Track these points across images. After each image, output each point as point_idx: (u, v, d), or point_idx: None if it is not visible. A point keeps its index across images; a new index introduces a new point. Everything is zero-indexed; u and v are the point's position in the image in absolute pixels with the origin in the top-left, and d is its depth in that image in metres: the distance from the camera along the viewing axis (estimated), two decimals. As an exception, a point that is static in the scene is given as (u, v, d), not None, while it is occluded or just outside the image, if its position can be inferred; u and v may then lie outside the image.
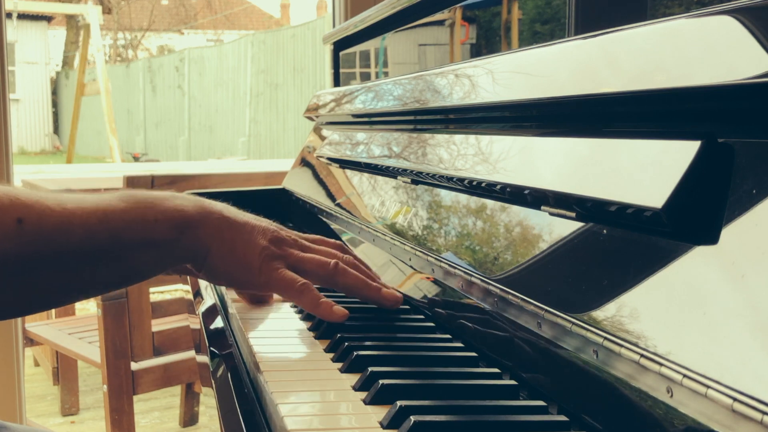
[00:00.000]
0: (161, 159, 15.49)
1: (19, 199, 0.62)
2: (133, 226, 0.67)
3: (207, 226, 0.71)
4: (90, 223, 0.65)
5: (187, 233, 0.70)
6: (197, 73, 15.76)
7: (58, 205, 0.64)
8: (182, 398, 2.67)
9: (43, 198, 0.64)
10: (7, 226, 0.60)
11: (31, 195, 0.63)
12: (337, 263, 0.76)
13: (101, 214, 0.66)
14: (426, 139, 0.91)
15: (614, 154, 0.52)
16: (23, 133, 18.67)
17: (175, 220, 0.70)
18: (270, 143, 13.78)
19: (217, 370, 0.71)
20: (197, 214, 0.71)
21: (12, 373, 2.03)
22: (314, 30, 12.40)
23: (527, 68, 0.67)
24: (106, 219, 0.66)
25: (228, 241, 0.72)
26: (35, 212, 0.62)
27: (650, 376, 0.42)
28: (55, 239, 0.63)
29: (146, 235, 0.68)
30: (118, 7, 20.74)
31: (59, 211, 0.63)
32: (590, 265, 0.52)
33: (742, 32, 0.41)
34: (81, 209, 0.65)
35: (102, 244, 0.66)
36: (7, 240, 0.60)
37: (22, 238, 0.61)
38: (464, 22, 1.08)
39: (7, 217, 0.60)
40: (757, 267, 0.38)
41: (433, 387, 0.56)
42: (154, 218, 0.68)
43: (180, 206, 0.71)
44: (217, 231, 0.72)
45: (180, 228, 0.70)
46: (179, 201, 0.71)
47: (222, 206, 0.76)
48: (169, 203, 0.70)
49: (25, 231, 0.61)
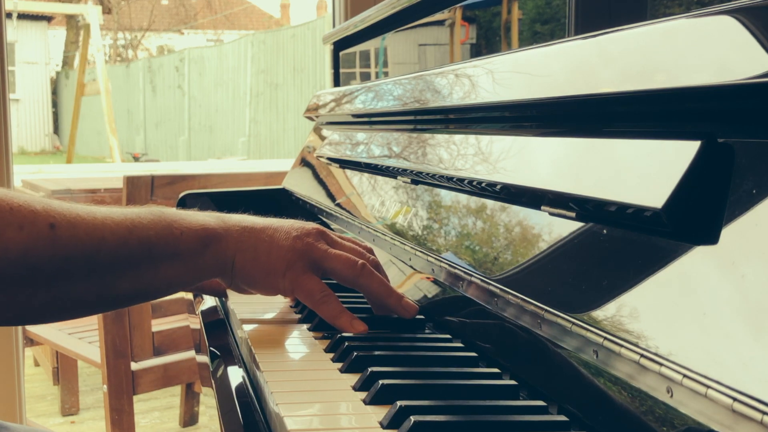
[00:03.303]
0: (161, 159, 15.48)
1: (51, 206, 0.63)
2: (161, 237, 0.69)
3: (229, 238, 0.73)
4: (120, 232, 0.66)
5: (211, 246, 0.72)
6: (197, 73, 15.75)
7: (88, 213, 0.65)
8: (182, 398, 2.67)
9: (75, 206, 0.65)
10: (40, 231, 0.61)
11: (62, 203, 0.64)
12: (365, 264, 0.75)
13: (130, 224, 0.67)
14: (426, 139, 0.91)
15: (614, 154, 0.52)
16: (23, 133, 18.67)
17: (199, 233, 0.71)
18: (270, 143, 13.78)
19: (217, 370, 0.71)
20: (219, 228, 0.72)
21: (12, 373, 2.03)
22: (314, 30, 12.39)
23: (527, 68, 0.67)
24: (135, 229, 0.67)
25: (250, 248, 0.73)
26: (67, 218, 0.63)
27: (650, 376, 0.42)
28: (88, 245, 0.64)
29: (173, 248, 0.69)
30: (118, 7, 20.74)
31: (90, 219, 0.65)
32: (590, 265, 0.52)
33: (742, 32, 0.41)
34: (111, 219, 0.66)
35: (133, 253, 0.67)
36: (41, 245, 0.61)
37: (56, 243, 0.62)
38: (464, 22, 1.08)
39: (41, 222, 0.61)
40: (757, 267, 0.38)
41: (433, 387, 0.56)
42: (180, 231, 0.70)
43: (203, 221, 0.72)
44: (238, 241, 0.73)
45: (204, 241, 0.71)
46: (201, 217, 0.73)
47: (240, 217, 0.76)
48: (192, 218, 0.72)
49: (58, 236, 0.62)
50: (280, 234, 0.74)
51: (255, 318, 0.80)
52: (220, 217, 0.75)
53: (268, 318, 0.81)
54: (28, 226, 0.61)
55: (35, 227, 0.61)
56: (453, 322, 0.72)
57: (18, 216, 0.60)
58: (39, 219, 0.61)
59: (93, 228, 0.64)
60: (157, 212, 0.70)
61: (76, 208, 0.65)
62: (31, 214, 0.61)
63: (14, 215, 0.60)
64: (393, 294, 0.75)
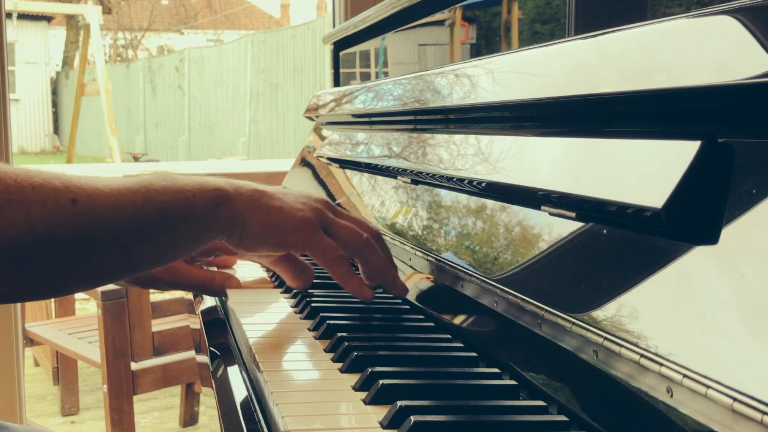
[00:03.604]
0: (161, 159, 15.48)
1: (70, 181, 0.65)
2: (176, 201, 0.71)
3: (240, 198, 0.74)
4: (138, 201, 0.68)
5: (224, 206, 0.73)
6: (197, 73, 15.76)
7: (105, 186, 0.67)
8: (182, 398, 2.67)
9: (93, 179, 0.67)
10: (62, 206, 0.63)
11: (80, 177, 0.66)
12: (369, 238, 0.78)
13: (145, 191, 0.69)
14: (426, 139, 0.91)
15: (614, 154, 0.52)
16: (23, 133, 18.67)
17: (212, 193, 0.73)
18: (270, 143, 13.78)
19: (217, 370, 0.71)
20: (231, 189, 0.74)
21: (12, 373, 2.03)
22: (314, 30, 12.39)
23: (527, 68, 0.67)
24: (150, 196, 0.69)
25: (262, 207, 0.75)
26: (87, 192, 0.65)
27: (650, 376, 0.42)
28: (109, 217, 0.66)
29: (188, 209, 0.71)
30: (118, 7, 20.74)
31: (108, 191, 0.67)
32: (590, 265, 0.52)
33: (742, 32, 0.41)
34: (127, 189, 0.68)
35: (151, 218, 0.69)
36: (64, 219, 0.63)
37: (78, 217, 0.64)
38: (464, 22, 1.08)
39: (62, 198, 0.63)
40: (757, 267, 0.38)
41: (433, 387, 0.56)
42: (192, 193, 0.72)
43: (213, 182, 0.74)
44: (250, 201, 0.75)
45: (217, 201, 0.73)
46: (211, 179, 0.75)
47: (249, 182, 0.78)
48: (203, 180, 0.74)
49: (80, 210, 0.64)
50: (290, 198, 0.77)
51: (255, 318, 0.80)
52: (231, 180, 0.77)
53: (269, 318, 0.81)
54: (51, 203, 0.63)
55: (58, 203, 0.63)
56: (453, 321, 0.72)
57: (41, 193, 0.62)
58: (61, 195, 0.63)
59: (112, 199, 0.66)
60: (166, 177, 0.72)
61: (94, 181, 0.67)
62: (53, 191, 0.63)
63: (37, 193, 0.62)
64: (390, 271, 0.79)
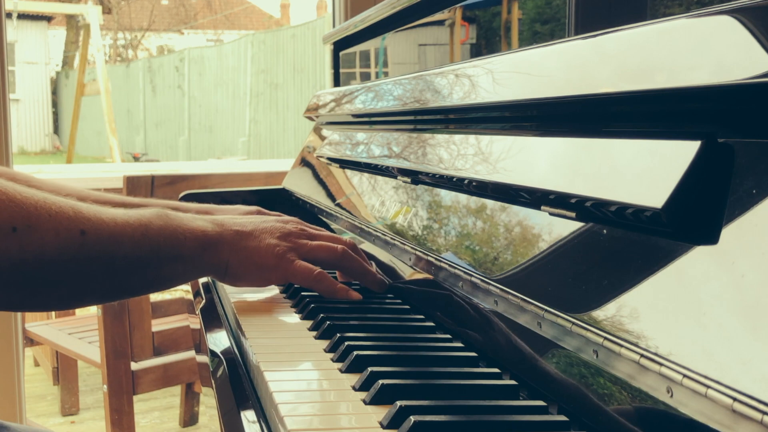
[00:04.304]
0: (161, 159, 15.47)
1: (81, 212, 0.71)
2: (168, 241, 0.78)
3: (223, 243, 0.82)
4: (135, 236, 0.75)
5: (209, 250, 0.81)
6: (197, 73, 15.74)
7: (110, 219, 0.74)
8: (182, 398, 2.67)
9: (100, 212, 0.74)
10: (73, 236, 0.69)
11: (90, 208, 0.73)
12: (344, 248, 0.87)
13: (143, 229, 0.76)
14: (426, 139, 0.91)
15: (614, 153, 0.52)
16: (23, 133, 18.66)
17: (199, 238, 0.80)
18: (270, 143, 13.78)
19: (217, 370, 0.71)
20: (215, 234, 0.82)
21: (12, 373, 2.03)
22: (314, 30, 12.38)
23: (527, 68, 0.67)
24: (147, 234, 0.76)
25: (242, 250, 0.83)
26: (94, 225, 0.72)
27: (650, 376, 0.42)
28: (109, 249, 0.73)
29: (178, 251, 0.79)
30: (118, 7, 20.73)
31: (112, 225, 0.73)
32: (590, 265, 0.52)
33: (742, 32, 0.41)
34: (128, 224, 0.75)
35: (144, 254, 0.76)
36: (72, 249, 0.69)
37: (84, 247, 0.70)
38: (464, 22, 1.08)
39: (74, 228, 0.70)
40: (757, 267, 0.38)
41: (433, 387, 0.56)
42: (183, 236, 0.79)
43: (202, 227, 0.82)
44: (232, 244, 0.83)
45: (203, 245, 0.81)
46: (200, 222, 0.82)
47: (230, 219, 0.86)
48: (193, 224, 0.81)
49: (87, 241, 0.70)
50: (266, 234, 0.85)
51: (255, 317, 0.80)
52: (214, 221, 0.84)
53: (269, 317, 0.81)
54: (64, 232, 0.69)
55: (69, 233, 0.69)
56: (453, 321, 0.72)
57: (55, 222, 0.68)
58: (72, 225, 0.69)
59: (114, 233, 0.73)
60: (164, 216, 0.79)
61: (101, 214, 0.73)
62: (66, 221, 0.69)
63: (52, 221, 0.68)
64: (368, 273, 0.89)
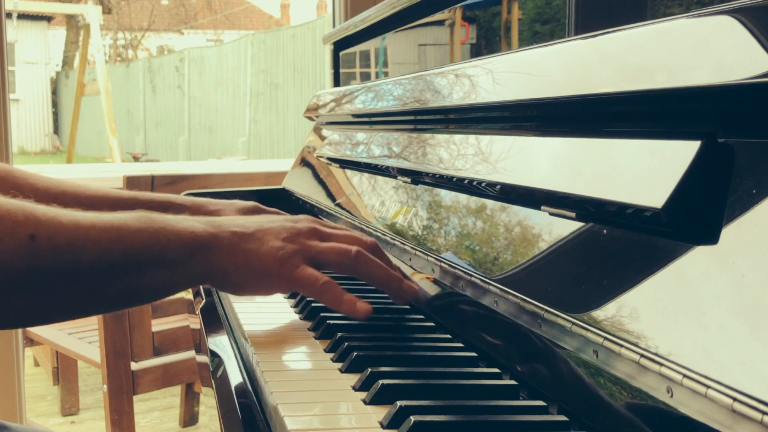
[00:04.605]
0: (161, 159, 15.47)
1: (34, 215, 0.63)
2: (147, 245, 0.68)
3: (218, 247, 0.72)
4: (103, 241, 0.66)
5: (200, 254, 0.71)
6: (197, 73, 15.74)
7: (72, 222, 0.65)
8: (182, 398, 2.67)
9: (59, 215, 0.65)
10: (19, 241, 0.61)
11: (47, 211, 0.64)
12: (359, 251, 0.75)
13: (114, 232, 0.67)
14: (426, 139, 0.91)
15: (614, 154, 0.52)
16: (23, 133, 18.66)
17: (187, 241, 0.70)
18: (270, 143, 13.78)
19: (217, 370, 0.71)
20: (208, 236, 0.72)
21: (12, 373, 2.03)
22: (314, 30, 12.38)
23: (527, 68, 0.67)
24: (119, 237, 0.67)
25: (241, 254, 0.72)
26: (48, 229, 0.63)
27: (650, 376, 0.42)
28: (67, 256, 0.64)
29: (158, 256, 0.69)
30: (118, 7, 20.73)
31: (72, 228, 0.64)
32: (590, 265, 0.52)
33: (742, 32, 0.41)
34: (94, 227, 0.66)
35: (116, 261, 0.67)
36: (19, 255, 0.61)
37: (34, 253, 0.62)
38: (464, 22, 1.08)
39: (21, 233, 0.61)
40: (757, 267, 0.38)
41: (433, 387, 0.56)
42: (167, 239, 0.69)
43: (191, 227, 0.71)
44: (228, 249, 0.72)
45: (192, 249, 0.71)
46: (191, 223, 0.72)
47: (230, 220, 0.76)
48: (181, 225, 0.71)
49: (38, 246, 0.62)
50: (270, 236, 0.74)
51: (255, 317, 0.80)
52: (210, 222, 0.74)
53: (269, 317, 0.81)
54: (8, 238, 0.61)
55: (15, 239, 0.61)
56: (453, 322, 0.72)
57: None
58: (19, 230, 0.61)
59: (74, 237, 0.64)
60: (145, 218, 0.70)
61: (60, 216, 0.65)
62: (12, 225, 0.61)
63: None
64: (393, 279, 0.75)
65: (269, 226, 0.75)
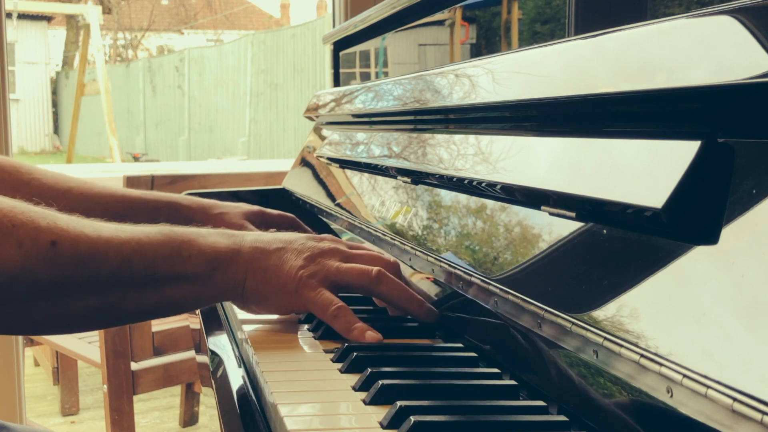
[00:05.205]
0: (161, 159, 15.47)
1: (56, 223, 0.63)
2: (167, 259, 0.68)
3: (238, 262, 0.72)
4: (124, 251, 0.66)
5: (220, 270, 0.71)
6: (197, 73, 15.74)
7: (94, 231, 0.65)
8: (182, 398, 2.67)
9: (82, 224, 0.65)
10: (40, 248, 0.61)
11: (70, 220, 0.65)
12: (380, 271, 0.75)
13: (136, 244, 0.67)
14: (426, 139, 0.91)
15: (614, 153, 0.52)
16: (23, 133, 18.66)
17: (208, 256, 0.70)
18: (270, 143, 13.77)
19: (217, 370, 0.71)
20: (229, 251, 0.72)
21: (12, 373, 2.03)
22: (314, 30, 12.38)
23: (527, 68, 0.67)
24: (140, 249, 0.67)
25: (260, 270, 0.72)
26: (70, 237, 0.63)
27: (650, 376, 0.42)
28: (89, 264, 0.64)
29: (179, 270, 0.69)
30: (118, 7, 20.74)
31: (95, 237, 0.65)
32: (590, 265, 0.52)
33: (742, 32, 0.41)
34: (117, 238, 0.66)
35: (136, 273, 0.67)
36: (40, 262, 0.61)
37: (56, 260, 0.62)
38: (464, 22, 1.08)
39: (42, 240, 0.62)
40: (757, 267, 0.38)
41: (433, 387, 0.56)
42: (189, 253, 0.69)
43: (214, 243, 0.71)
44: (249, 264, 0.72)
45: (213, 265, 0.71)
46: (214, 238, 0.72)
47: (254, 236, 0.76)
48: (204, 240, 0.71)
49: (59, 254, 0.62)
50: (291, 254, 0.74)
51: (255, 318, 0.80)
52: (233, 236, 0.74)
53: (269, 318, 0.81)
54: (29, 243, 0.61)
55: (36, 244, 0.61)
56: (453, 322, 0.72)
57: (20, 233, 0.61)
58: (41, 236, 0.62)
59: (96, 246, 0.64)
60: (167, 231, 0.70)
61: (83, 225, 0.65)
62: (33, 231, 0.61)
63: (15, 232, 0.60)
64: (414, 300, 0.75)
65: (291, 245, 0.75)
